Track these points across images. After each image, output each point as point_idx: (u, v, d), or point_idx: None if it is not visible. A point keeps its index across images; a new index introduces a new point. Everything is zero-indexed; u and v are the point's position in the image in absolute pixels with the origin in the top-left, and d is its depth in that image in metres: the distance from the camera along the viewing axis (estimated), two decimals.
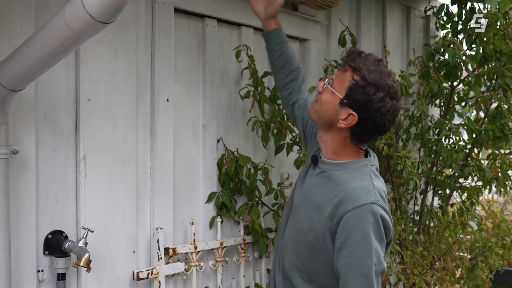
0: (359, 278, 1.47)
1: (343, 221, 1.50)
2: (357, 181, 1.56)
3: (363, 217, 1.48)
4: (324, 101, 1.60)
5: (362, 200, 1.50)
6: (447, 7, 3.36)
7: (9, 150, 1.70)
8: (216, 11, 2.42)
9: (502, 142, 3.28)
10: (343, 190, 1.54)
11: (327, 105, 1.59)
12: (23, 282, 1.80)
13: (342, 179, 1.58)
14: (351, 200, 1.50)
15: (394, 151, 3.00)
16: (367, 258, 1.47)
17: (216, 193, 2.45)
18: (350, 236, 1.48)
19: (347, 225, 1.49)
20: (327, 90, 1.60)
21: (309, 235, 1.58)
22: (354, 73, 1.54)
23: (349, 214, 1.49)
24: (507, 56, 3.06)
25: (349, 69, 1.56)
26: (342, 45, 2.98)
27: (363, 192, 1.52)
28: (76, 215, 1.96)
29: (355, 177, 1.58)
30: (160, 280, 2.18)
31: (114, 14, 1.27)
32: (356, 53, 1.59)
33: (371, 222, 1.48)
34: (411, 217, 3.34)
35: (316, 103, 1.64)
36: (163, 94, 2.21)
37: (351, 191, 1.53)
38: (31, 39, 1.46)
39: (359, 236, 1.48)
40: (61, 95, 1.92)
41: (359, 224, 1.48)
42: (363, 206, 1.49)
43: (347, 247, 1.49)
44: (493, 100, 3.22)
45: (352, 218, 1.49)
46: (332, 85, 1.60)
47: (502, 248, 3.36)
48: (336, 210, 1.52)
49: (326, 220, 1.54)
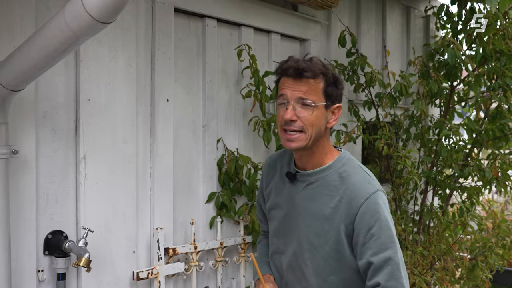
0: (388, 263, 1.52)
1: (359, 216, 1.53)
2: (354, 176, 1.60)
3: (376, 206, 1.54)
4: (313, 120, 1.57)
5: (369, 190, 1.55)
6: (447, 7, 3.36)
7: (9, 150, 1.70)
8: (216, 11, 2.42)
9: (502, 142, 3.28)
10: (346, 189, 1.57)
11: (319, 120, 1.58)
12: (23, 282, 1.80)
13: (339, 181, 1.60)
14: (359, 194, 1.54)
15: (394, 151, 3.00)
16: (391, 242, 1.53)
17: (216, 193, 2.45)
18: (371, 227, 1.52)
19: (365, 218, 1.53)
20: (309, 110, 1.56)
21: (324, 247, 1.59)
22: (318, 78, 1.56)
23: (363, 207, 1.53)
24: (507, 56, 3.06)
25: (308, 78, 1.56)
26: (342, 45, 2.98)
27: (365, 183, 1.57)
28: (76, 215, 1.96)
29: (350, 173, 1.60)
30: (160, 280, 2.18)
31: (114, 14, 1.27)
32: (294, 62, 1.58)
33: (383, 208, 1.54)
34: (411, 217, 3.34)
35: (302, 132, 1.57)
36: (163, 94, 2.21)
37: (355, 186, 1.56)
38: (31, 39, 1.46)
39: (379, 224, 1.53)
40: (61, 95, 1.92)
41: (376, 214, 1.53)
42: (372, 196, 1.54)
43: (370, 239, 1.52)
44: (493, 100, 3.22)
45: (367, 210, 1.53)
46: (314, 102, 1.57)
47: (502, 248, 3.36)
48: (349, 209, 1.55)
49: (339, 224, 1.56)
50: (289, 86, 1.57)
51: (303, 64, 1.56)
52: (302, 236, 1.64)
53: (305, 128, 1.56)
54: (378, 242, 1.52)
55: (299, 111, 1.55)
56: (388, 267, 1.51)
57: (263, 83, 2.47)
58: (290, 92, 1.56)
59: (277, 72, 1.64)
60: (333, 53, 3.10)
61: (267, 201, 1.79)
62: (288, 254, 1.70)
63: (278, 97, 1.61)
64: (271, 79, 2.62)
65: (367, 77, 2.99)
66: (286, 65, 1.58)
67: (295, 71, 1.55)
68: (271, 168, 1.81)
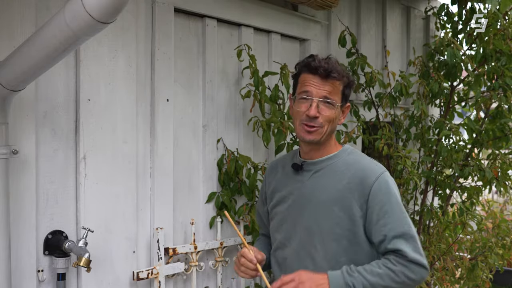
0: (406, 237, 1.59)
1: (372, 195, 1.62)
2: (361, 160, 1.71)
3: (387, 184, 1.64)
4: (330, 117, 1.67)
5: (379, 170, 1.66)
6: (447, 7, 3.36)
7: (9, 150, 1.70)
8: (216, 11, 2.42)
9: (502, 142, 3.28)
10: (357, 170, 1.66)
11: (336, 118, 1.70)
12: (23, 282, 1.80)
13: (347, 165, 1.69)
14: (371, 174, 1.64)
15: (394, 151, 3.00)
16: (405, 217, 1.62)
17: (216, 193, 2.45)
18: (383, 204, 1.61)
19: (378, 196, 1.62)
20: (328, 108, 1.67)
21: (336, 230, 1.64)
22: (341, 80, 1.68)
23: (375, 185, 1.62)
24: (507, 56, 3.06)
25: (334, 79, 1.67)
26: (342, 45, 2.98)
27: (373, 164, 1.69)
28: (76, 215, 1.96)
29: (357, 159, 1.72)
30: (160, 280, 2.18)
31: (114, 14, 1.27)
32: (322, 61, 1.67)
33: (392, 186, 1.65)
34: (411, 217, 3.33)
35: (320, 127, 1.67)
36: (163, 94, 2.21)
37: (365, 167, 1.67)
38: (31, 39, 1.46)
39: (391, 201, 1.62)
40: (61, 95, 1.92)
41: (388, 191, 1.63)
42: (382, 175, 1.65)
43: (384, 215, 1.60)
44: (493, 100, 3.22)
45: (379, 188, 1.62)
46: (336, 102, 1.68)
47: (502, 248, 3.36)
48: (361, 189, 1.63)
49: (351, 205, 1.63)
50: (314, 84, 1.66)
51: (332, 66, 1.66)
52: (310, 221, 1.69)
53: (324, 124, 1.67)
54: (393, 218, 1.60)
55: (322, 109, 1.65)
56: (410, 240, 1.58)
57: (262, 83, 2.47)
58: (315, 90, 1.66)
59: (301, 68, 1.72)
60: (333, 53, 3.06)
61: (271, 200, 1.84)
62: (293, 245, 1.73)
63: (301, 92, 1.69)
64: (271, 79, 2.63)
65: (367, 77, 2.99)
66: (315, 64, 1.66)
67: (325, 71, 1.65)
68: (272, 170, 1.89)
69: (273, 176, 1.86)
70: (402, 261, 1.57)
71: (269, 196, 1.85)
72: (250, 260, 1.68)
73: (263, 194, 1.91)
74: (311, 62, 1.67)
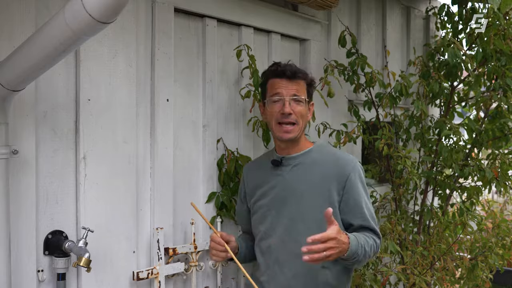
0: (373, 220, 1.90)
1: (348, 182, 1.87)
2: (336, 152, 1.98)
3: (360, 172, 1.92)
4: (305, 112, 1.93)
5: (352, 159, 1.93)
6: (448, 7, 3.36)
7: (9, 150, 1.70)
8: (216, 11, 2.42)
9: (502, 142, 3.28)
10: (334, 160, 1.92)
11: (306, 113, 1.94)
12: (23, 282, 1.80)
13: (323, 157, 1.93)
14: (346, 163, 1.91)
15: (394, 151, 3.00)
16: (369, 199, 1.94)
17: (216, 193, 2.45)
18: (359, 190, 1.89)
19: (352, 182, 1.87)
20: (300, 105, 1.91)
21: (318, 216, 1.77)
22: (305, 79, 1.94)
23: (352, 174, 1.88)
24: (507, 56, 3.06)
25: (300, 80, 1.92)
26: (342, 45, 2.98)
27: (346, 155, 1.96)
28: (76, 215, 1.96)
29: (332, 151, 1.99)
30: (160, 280, 2.18)
31: (114, 14, 1.27)
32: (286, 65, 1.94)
33: (363, 174, 1.95)
34: (411, 217, 3.34)
35: (296, 124, 1.90)
36: (163, 94, 2.21)
37: (341, 157, 1.93)
38: (31, 39, 1.46)
39: (362, 186, 1.91)
40: (61, 95, 1.92)
41: (361, 178, 1.91)
42: (356, 164, 1.92)
43: (361, 200, 1.88)
44: (493, 100, 3.22)
45: (354, 175, 1.88)
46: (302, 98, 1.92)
47: (502, 248, 3.36)
48: (338, 177, 1.87)
49: (330, 192, 1.86)
50: (283, 85, 1.90)
51: (295, 68, 1.93)
52: (293, 211, 1.89)
53: (298, 121, 1.90)
54: (366, 201, 1.90)
55: (294, 106, 1.89)
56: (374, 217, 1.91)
57: None
58: (285, 90, 1.90)
59: (268, 75, 1.96)
60: (333, 53, 3.10)
61: (251, 197, 2.05)
62: (277, 234, 1.92)
63: (272, 95, 1.92)
64: None
65: (367, 77, 2.99)
66: (281, 68, 1.91)
67: (291, 72, 1.90)
68: (249, 170, 2.11)
69: (252, 175, 2.08)
70: (374, 236, 1.88)
71: (250, 193, 2.06)
72: (218, 242, 1.86)
73: (242, 194, 2.13)
74: (277, 67, 1.92)
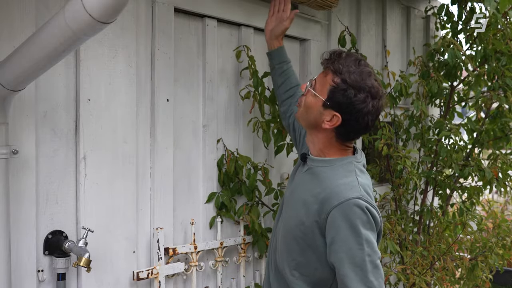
0: (354, 270, 1.49)
1: (330, 217, 1.53)
2: (342, 178, 1.59)
3: (350, 211, 1.51)
4: (307, 103, 1.65)
5: (347, 195, 1.53)
6: (447, 7, 3.36)
7: (9, 150, 1.70)
8: (216, 11, 2.41)
9: (503, 142, 3.28)
10: (327, 187, 1.57)
11: (311, 108, 1.64)
12: (23, 282, 1.80)
13: (327, 176, 1.62)
14: (336, 196, 1.53)
15: (394, 151, 3.00)
16: (358, 249, 1.50)
17: (216, 193, 2.45)
18: (339, 230, 1.51)
19: (335, 221, 1.52)
20: (310, 93, 1.65)
21: (297, 230, 1.62)
22: (334, 76, 1.58)
23: (335, 209, 1.51)
24: (507, 56, 3.06)
25: (329, 71, 1.59)
26: (342, 45, 2.98)
27: (347, 188, 1.55)
28: (76, 215, 1.96)
29: (340, 174, 1.61)
30: (160, 280, 2.18)
31: (114, 14, 1.27)
32: (336, 54, 1.61)
33: (358, 215, 1.51)
34: (411, 217, 3.34)
35: (300, 106, 1.70)
36: (163, 94, 2.21)
37: (336, 187, 1.56)
38: (31, 39, 1.46)
39: (348, 229, 1.50)
40: (61, 95, 1.92)
41: (347, 218, 1.50)
42: (348, 201, 1.51)
43: (338, 242, 1.52)
44: (494, 100, 3.22)
45: (339, 213, 1.51)
46: (315, 87, 1.63)
47: (502, 248, 3.37)
48: (323, 206, 1.55)
49: (313, 215, 1.58)
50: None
51: (333, 58, 1.60)
52: (286, 214, 1.72)
53: (300, 104, 1.69)
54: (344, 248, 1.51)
55: (307, 91, 1.66)
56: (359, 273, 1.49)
57: (262, 84, 2.47)
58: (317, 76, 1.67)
59: None
60: None
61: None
62: (276, 236, 1.76)
63: None
64: (271, 80, 2.62)
65: None
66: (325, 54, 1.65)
67: (324, 60, 1.64)
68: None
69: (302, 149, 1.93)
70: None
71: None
72: None
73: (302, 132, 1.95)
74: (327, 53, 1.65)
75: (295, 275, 1.64)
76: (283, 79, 2.18)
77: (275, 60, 2.21)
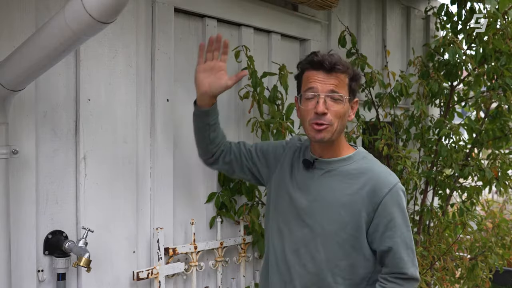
0: (407, 252, 1.62)
1: (382, 205, 1.61)
2: (377, 167, 1.68)
3: (398, 196, 1.63)
4: (340, 113, 1.64)
5: (392, 181, 1.64)
6: (447, 7, 3.36)
7: (9, 150, 1.70)
8: (216, 11, 2.42)
9: (502, 142, 3.28)
10: (370, 178, 1.64)
11: (344, 113, 1.66)
12: (23, 282, 1.80)
13: (361, 170, 1.66)
14: (384, 185, 1.62)
15: (394, 151, 3.00)
16: (407, 231, 1.64)
17: (216, 193, 2.45)
18: (393, 216, 1.61)
19: (387, 208, 1.61)
20: (342, 103, 1.63)
21: (341, 233, 1.63)
22: (346, 72, 1.65)
23: (387, 197, 1.61)
24: (506, 55, 3.06)
25: (339, 73, 1.63)
26: (342, 45, 2.98)
27: (388, 174, 1.66)
28: (76, 215, 1.96)
29: (372, 165, 1.69)
30: (160, 280, 2.18)
31: (114, 14, 1.27)
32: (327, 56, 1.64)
33: (403, 199, 1.65)
34: (411, 217, 3.34)
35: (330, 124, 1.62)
36: (163, 94, 2.21)
37: (379, 176, 1.64)
38: (31, 39, 1.46)
39: (400, 213, 1.62)
40: (61, 95, 1.92)
41: (397, 203, 1.62)
42: (395, 187, 1.63)
43: (392, 228, 1.61)
44: (493, 100, 3.22)
45: (390, 200, 1.61)
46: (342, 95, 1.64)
47: (502, 248, 3.37)
48: (371, 197, 1.61)
49: (359, 211, 1.62)
50: (319, 79, 1.61)
51: (335, 59, 1.62)
52: (313, 221, 1.67)
53: (333, 122, 1.62)
54: (398, 232, 1.61)
55: (330, 105, 1.61)
56: (411, 254, 1.62)
57: (261, 84, 2.47)
58: (321, 85, 1.61)
59: (304, 65, 1.68)
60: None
61: (274, 170, 1.83)
62: (293, 240, 1.71)
63: (306, 90, 1.64)
64: (270, 80, 2.63)
65: (367, 78, 3.00)
66: (318, 58, 1.62)
67: (330, 64, 1.60)
68: (294, 148, 1.84)
69: (291, 155, 1.82)
70: (399, 281, 1.62)
71: (278, 171, 1.82)
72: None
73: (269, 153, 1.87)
74: (314, 57, 1.63)
75: (338, 281, 1.65)
76: (216, 133, 1.88)
77: (211, 118, 1.83)
